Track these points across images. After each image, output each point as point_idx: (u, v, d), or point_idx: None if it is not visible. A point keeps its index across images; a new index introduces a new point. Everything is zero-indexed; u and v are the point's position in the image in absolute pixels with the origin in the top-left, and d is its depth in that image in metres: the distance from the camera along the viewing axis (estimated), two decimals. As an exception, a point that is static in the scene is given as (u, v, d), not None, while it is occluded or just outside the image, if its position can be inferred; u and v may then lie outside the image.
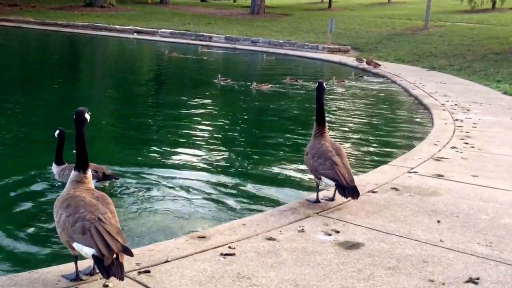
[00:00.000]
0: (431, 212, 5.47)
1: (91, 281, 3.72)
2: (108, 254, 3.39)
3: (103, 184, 6.91)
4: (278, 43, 31.11)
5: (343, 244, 4.62)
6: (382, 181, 6.47)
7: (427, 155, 7.84)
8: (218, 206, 6.68)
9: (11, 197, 6.62)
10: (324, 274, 4.05)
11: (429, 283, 3.98)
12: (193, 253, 4.28)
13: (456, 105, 12.83)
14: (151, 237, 5.56)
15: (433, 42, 28.37)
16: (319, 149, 5.56)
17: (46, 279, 3.71)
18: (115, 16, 41.73)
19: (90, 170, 4.01)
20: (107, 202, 3.80)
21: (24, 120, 11.24)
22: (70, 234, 3.58)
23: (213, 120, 12.41)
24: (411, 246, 4.62)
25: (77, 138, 3.93)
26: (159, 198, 6.79)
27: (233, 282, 3.86)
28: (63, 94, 15.08)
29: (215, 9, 49.26)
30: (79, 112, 3.91)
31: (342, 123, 12.11)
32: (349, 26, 36.13)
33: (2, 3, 43.98)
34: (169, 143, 9.88)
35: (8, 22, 37.70)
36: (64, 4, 46.18)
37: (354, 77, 19.85)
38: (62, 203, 3.76)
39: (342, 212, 5.38)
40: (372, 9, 50.28)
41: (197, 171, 7.98)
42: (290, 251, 4.43)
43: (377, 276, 4.05)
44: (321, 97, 5.82)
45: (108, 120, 11.69)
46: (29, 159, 8.36)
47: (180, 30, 35.72)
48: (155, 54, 28.03)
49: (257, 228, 4.88)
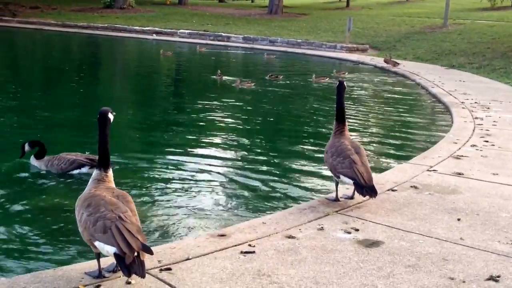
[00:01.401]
0: (451, 210, 5.45)
1: (114, 278, 3.77)
2: (129, 253, 3.43)
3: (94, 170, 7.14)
4: (296, 43, 31.08)
5: (363, 242, 4.63)
6: (402, 179, 6.46)
7: (447, 153, 7.80)
8: (238, 204, 6.72)
9: (33, 194, 6.74)
10: (344, 272, 4.07)
11: (449, 281, 3.97)
12: (214, 251, 4.32)
13: (476, 103, 12.73)
14: (172, 235, 5.64)
15: (452, 40, 28.12)
16: (338, 148, 5.56)
17: (70, 276, 3.77)
18: (134, 17, 42.00)
19: (111, 169, 4.06)
20: (128, 201, 3.85)
21: (48, 118, 11.51)
22: (92, 233, 3.63)
23: (229, 118, 12.45)
24: (431, 244, 4.62)
25: (100, 138, 3.99)
26: (179, 196, 6.86)
27: (253, 279, 3.89)
28: (85, 93, 15.32)
29: (233, 9, 49.32)
30: (103, 112, 3.96)
31: (361, 121, 12.08)
32: (367, 25, 35.96)
33: (23, 5, 44.58)
34: (188, 142, 9.94)
35: (29, 24, 38.29)
36: (84, 6, 46.61)
37: (336, 74, 19.73)
38: (83, 202, 3.81)
39: (362, 211, 5.38)
40: (391, 7, 49.99)
41: (216, 170, 8.02)
42: (309, 249, 4.45)
43: (397, 274, 4.06)
44: (341, 95, 5.83)
45: (129, 119, 11.82)
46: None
47: (199, 30, 35.86)
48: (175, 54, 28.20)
49: (277, 226, 4.90)
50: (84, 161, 7.50)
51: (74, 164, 7.46)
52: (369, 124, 11.94)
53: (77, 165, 7.47)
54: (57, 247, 5.31)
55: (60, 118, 11.59)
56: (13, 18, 40.04)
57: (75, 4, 47.65)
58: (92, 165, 7.33)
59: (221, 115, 12.64)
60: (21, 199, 6.53)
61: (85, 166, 7.48)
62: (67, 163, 7.47)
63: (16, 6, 44.01)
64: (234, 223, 5.56)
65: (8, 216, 6.05)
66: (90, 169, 7.33)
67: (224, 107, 13.61)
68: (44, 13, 43.35)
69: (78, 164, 7.47)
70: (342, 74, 19.81)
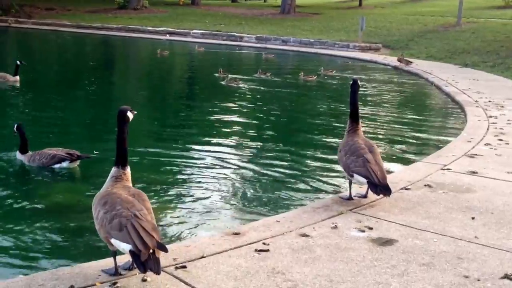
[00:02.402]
0: (466, 209, 5.44)
1: (130, 275, 3.81)
2: (144, 250, 3.47)
3: (73, 165, 7.73)
4: (308, 42, 31.04)
5: (377, 240, 4.63)
6: (415, 178, 6.45)
7: (461, 152, 7.77)
8: (252, 203, 6.77)
9: (50, 192, 6.85)
10: (358, 270, 4.08)
11: (464, 279, 3.97)
12: (228, 249, 4.35)
13: (490, 102, 12.65)
14: (187, 233, 5.70)
15: (466, 39, 27.94)
16: (352, 146, 5.56)
17: (87, 273, 3.82)
18: (147, 18, 42.19)
19: (128, 167, 4.10)
20: (143, 199, 3.90)
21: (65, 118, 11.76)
22: (108, 231, 3.68)
23: (241, 116, 12.49)
24: (445, 243, 4.61)
25: (118, 135, 4.03)
26: (194, 194, 6.94)
27: (268, 277, 3.91)
28: (101, 93, 15.59)
29: (245, 9, 49.34)
30: (122, 111, 4.02)
31: (373, 120, 12.06)
32: (380, 24, 35.82)
33: (39, 7, 45.08)
34: (202, 141, 10.01)
35: (45, 25, 38.72)
36: (98, 7, 46.94)
37: (324, 72, 19.67)
38: (100, 200, 3.86)
39: (375, 209, 5.38)
40: (403, 6, 49.75)
41: (229, 169, 8.08)
42: (323, 247, 4.46)
43: (411, 272, 4.06)
44: (355, 94, 5.83)
45: (141, 117, 11.92)
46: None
47: (212, 30, 35.94)
48: (187, 53, 28.30)
49: (291, 224, 4.92)
50: (64, 155, 7.69)
51: (55, 159, 7.67)
52: (382, 123, 11.91)
53: (57, 159, 7.68)
54: (74, 244, 5.40)
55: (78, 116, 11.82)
56: (28, 19, 40.58)
57: (90, 5, 47.98)
58: (71, 159, 7.62)
59: (229, 114, 12.70)
60: (33, 196, 6.67)
61: (65, 160, 7.68)
62: (48, 158, 7.69)
63: (32, 7, 44.56)
64: (248, 221, 5.60)
65: (22, 214, 6.16)
66: (70, 163, 7.64)
67: (233, 106, 13.65)
68: (59, 14, 43.77)
69: (58, 159, 7.69)
70: (329, 72, 19.79)
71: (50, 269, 3.89)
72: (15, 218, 6.02)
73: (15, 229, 5.74)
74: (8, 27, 37.75)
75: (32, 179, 7.61)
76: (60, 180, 7.48)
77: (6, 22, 38.71)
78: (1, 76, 14.70)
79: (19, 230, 5.72)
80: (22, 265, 4.98)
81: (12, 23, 38.87)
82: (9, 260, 5.08)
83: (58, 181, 7.46)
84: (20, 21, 39.81)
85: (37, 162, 7.73)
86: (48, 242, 5.48)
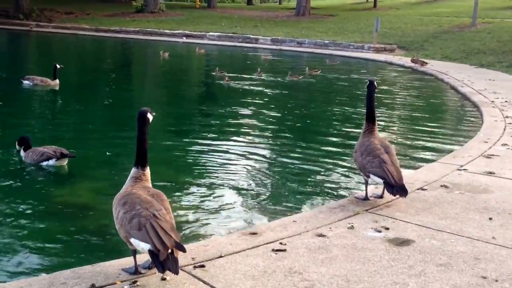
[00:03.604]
0: (483, 209, 5.43)
1: (150, 274, 3.85)
2: (163, 249, 3.51)
3: (61, 163, 7.94)
4: (323, 44, 31.06)
5: (393, 240, 4.64)
6: (432, 178, 6.44)
7: (477, 152, 7.75)
8: (268, 203, 6.81)
9: (71, 192, 6.96)
10: (375, 270, 4.09)
11: (481, 280, 3.96)
12: (246, 248, 4.38)
13: (506, 102, 12.58)
14: (204, 233, 5.76)
15: (481, 39, 27.77)
16: (368, 147, 5.57)
17: (108, 272, 3.87)
18: (164, 21, 42.55)
19: (148, 167, 4.15)
20: (162, 199, 3.94)
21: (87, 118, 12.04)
22: (128, 230, 3.73)
23: (258, 116, 12.54)
24: (462, 243, 4.61)
25: (139, 137, 4.08)
26: (210, 194, 7.00)
27: (285, 277, 3.94)
28: (121, 94, 15.88)
29: (261, 12, 49.45)
30: (142, 112, 4.07)
31: (389, 121, 12.06)
32: (394, 25, 35.73)
33: (59, 11, 45.92)
34: (217, 140, 10.06)
35: (65, 29, 39.62)
36: (116, 11, 47.53)
37: (308, 72, 19.74)
38: (120, 200, 3.92)
39: (391, 209, 5.39)
40: (418, 7, 49.51)
41: (246, 169, 8.15)
42: (340, 247, 4.48)
43: (429, 273, 4.06)
44: (372, 95, 5.83)
45: (161, 118, 12.04)
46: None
47: (228, 33, 36.20)
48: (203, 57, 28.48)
49: (307, 224, 4.95)
50: (51, 153, 7.86)
51: (43, 157, 7.87)
52: (397, 124, 11.90)
53: (45, 157, 7.87)
54: (95, 243, 5.50)
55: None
56: (49, 23, 41.67)
57: (108, 9, 48.60)
58: (57, 157, 7.79)
59: (243, 113, 12.78)
60: (54, 196, 6.79)
61: (52, 158, 7.83)
62: (38, 155, 7.91)
63: (52, 12, 45.59)
64: (265, 221, 5.65)
65: (44, 214, 6.27)
66: (56, 161, 7.82)
67: (242, 106, 13.71)
68: (78, 18, 44.51)
69: (46, 157, 7.86)
70: (314, 72, 19.84)
71: (72, 268, 3.94)
72: (37, 218, 6.13)
73: (38, 229, 5.86)
74: (29, 31, 38.75)
75: (51, 179, 7.72)
76: (80, 180, 7.58)
77: (28, 26, 39.75)
78: (42, 81, 15.05)
79: (41, 229, 5.84)
80: (45, 264, 5.06)
81: (33, 27, 39.93)
82: (32, 258, 5.16)
83: (78, 181, 7.57)
84: (41, 25, 40.91)
85: (29, 158, 7.96)
86: (69, 241, 5.57)
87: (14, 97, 14.40)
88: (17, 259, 5.13)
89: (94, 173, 7.91)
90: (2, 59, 24.23)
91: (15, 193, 6.95)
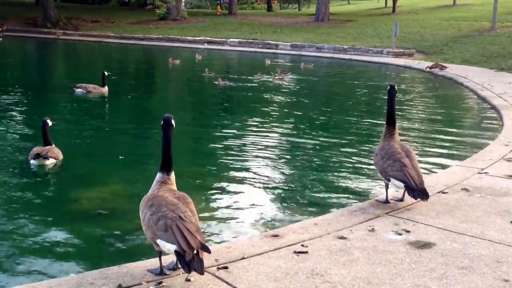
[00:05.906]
0: (504, 213, 5.42)
1: (175, 275, 3.93)
2: (189, 250, 3.59)
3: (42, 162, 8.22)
4: (342, 49, 31.05)
5: (414, 243, 4.66)
6: (452, 181, 6.44)
7: (498, 155, 7.72)
8: (289, 205, 6.89)
9: (99, 195, 7.09)
10: (396, 273, 4.12)
11: (503, 283, 3.97)
12: (268, 250, 4.44)
13: (527, 106, 12.50)
14: (227, 234, 5.85)
15: (501, 43, 27.54)
16: (388, 151, 5.60)
17: (134, 273, 3.96)
18: (187, 28, 42.94)
19: (173, 172, 4.24)
20: (188, 202, 4.03)
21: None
22: (154, 231, 3.81)
23: (277, 120, 12.61)
24: (484, 246, 4.61)
25: (164, 142, 4.17)
26: (232, 197, 7.12)
27: (307, 278, 3.99)
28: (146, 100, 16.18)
29: (281, 18, 49.54)
30: (166, 119, 4.15)
31: (409, 124, 12.03)
32: (413, 30, 35.56)
33: (85, 19, 46.90)
34: (239, 145, 10.12)
35: (91, 37, 40.53)
36: (140, 19, 48.17)
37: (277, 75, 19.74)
38: (146, 202, 4.01)
39: (412, 212, 5.41)
40: (437, 11, 49.18)
41: (267, 172, 8.27)
42: (361, 249, 4.52)
43: (450, 276, 4.08)
44: (392, 99, 5.87)
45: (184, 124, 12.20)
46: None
47: (248, 39, 36.42)
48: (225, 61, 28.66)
49: (329, 227, 4.99)
50: (34, 152, 8.22)
51: (32, 156, 8.26)
52: (418, 127, 11.88)
53: (32, 156, 8.25)
54: (122, 244, 5.61)
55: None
56: (75, 31, 42.63)
57: (132, 17, 49.35)
58: (35, 157, 8.16)
59: (260, 112, 12.87)
60: (83, 198, 6.93)
61: (35, 158, 8.21)
62: (30, 154, 8.29)
63: (78, 20, 46.50)
64: (286, 223, 5.70)
65: (72, 216, 6.42)
66: (36, 160, 8.19)
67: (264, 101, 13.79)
68: (103, 26, 45.31)
69: (31, 156, 8.26)
70: (283, 74, 19.94)
71: (99, 268, 4.04)
72: (65, 220, 6.29)
73: (66, 230, 6.00)
74: (56, 39, 39.64)
75: (75, 183, 7.83)
76: (107, 183, 7.70)
77: (55, 34, 40.68)
78: (94, 88, 15.45)
79: (70, 231, 5.97)
80: (73, 264, 5.19)
81: (60, 35, 40.83)
82: (61, 259, 5.29)
83: (105, 184, 7.68)
84: (67, 33, 41.84)
85: (29, 156, 8.33)
86: (97, 242, 5.70)
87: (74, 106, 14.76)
88: (47, 260, 5.27)
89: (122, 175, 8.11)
90: (37, 67, 24.74)
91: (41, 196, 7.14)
